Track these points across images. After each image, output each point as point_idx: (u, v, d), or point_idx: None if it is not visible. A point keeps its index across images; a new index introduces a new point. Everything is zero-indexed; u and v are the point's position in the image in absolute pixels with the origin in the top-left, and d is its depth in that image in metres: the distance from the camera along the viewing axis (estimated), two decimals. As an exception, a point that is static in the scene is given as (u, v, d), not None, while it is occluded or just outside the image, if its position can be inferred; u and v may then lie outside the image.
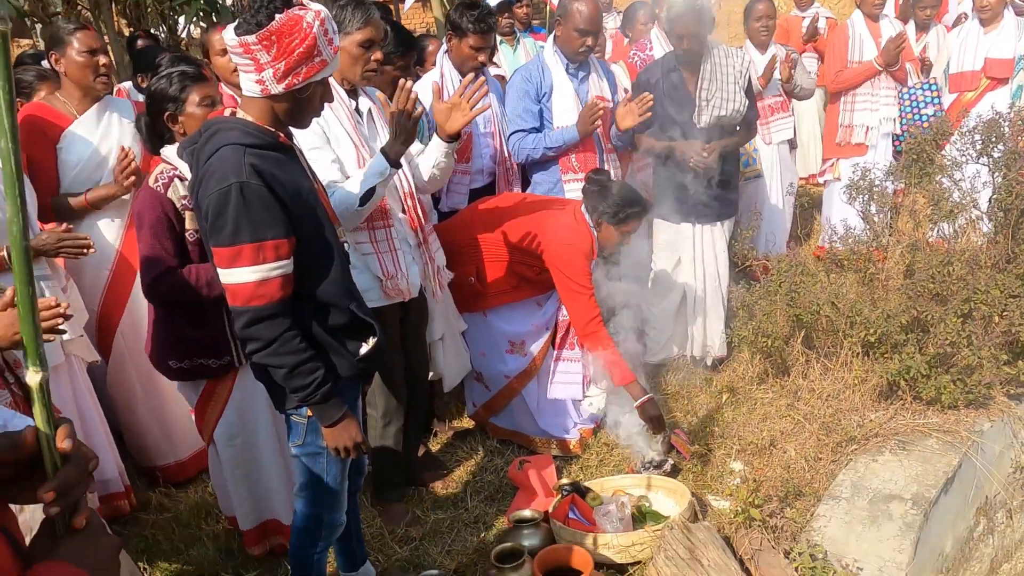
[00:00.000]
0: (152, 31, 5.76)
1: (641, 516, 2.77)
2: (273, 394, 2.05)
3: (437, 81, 3.06)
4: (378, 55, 2.47)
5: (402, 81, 2.33)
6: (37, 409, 0.95)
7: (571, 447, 3.34)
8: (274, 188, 1.80)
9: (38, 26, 6.63)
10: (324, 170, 2.37)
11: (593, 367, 3.26)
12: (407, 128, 2.32)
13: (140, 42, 4.52)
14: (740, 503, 2.54)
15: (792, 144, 4.66)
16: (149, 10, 6.32)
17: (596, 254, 3.12)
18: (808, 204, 6.05)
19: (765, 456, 3.11)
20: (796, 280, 3.28)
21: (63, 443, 0.94)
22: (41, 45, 6.62)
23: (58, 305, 1.94)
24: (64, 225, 2.48)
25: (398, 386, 2.79)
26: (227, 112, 1.95)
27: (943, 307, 3.03)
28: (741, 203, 4.35)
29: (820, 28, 5.95)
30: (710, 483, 3.08)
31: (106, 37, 6.03)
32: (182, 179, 2.29)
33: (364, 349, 2.01)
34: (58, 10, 6.27)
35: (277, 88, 1.80)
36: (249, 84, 1.82)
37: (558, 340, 3.33)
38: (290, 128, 1.95)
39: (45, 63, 3.24)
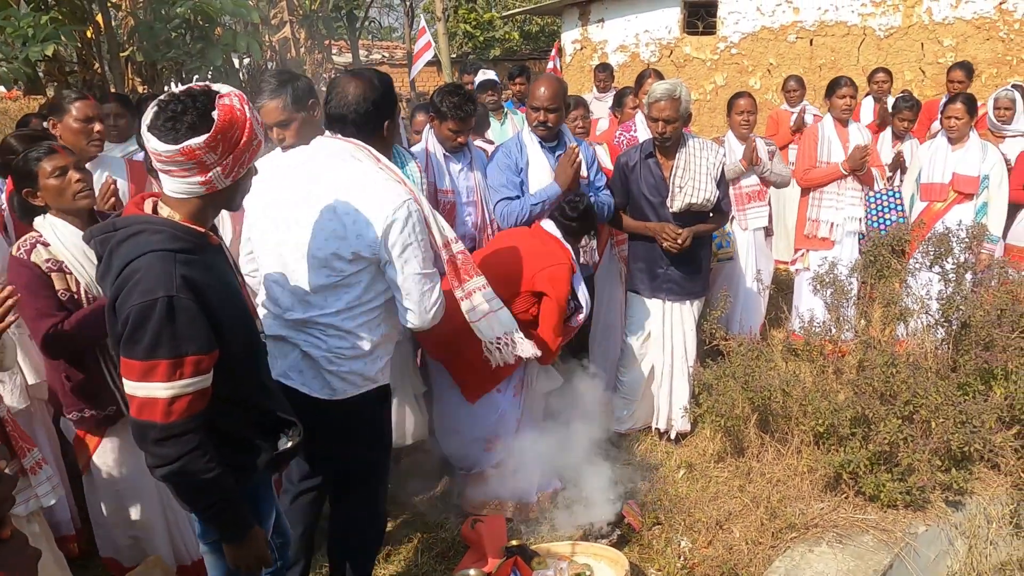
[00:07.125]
0: (166, 87, 6.03)
1: (582, 584, 2.84)
2: None
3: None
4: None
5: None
6: None
7: (527, 511, 3.42)
8: (206, 297, 1.69)
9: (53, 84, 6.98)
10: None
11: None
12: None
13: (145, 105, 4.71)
14: (671, 579, 2.63)
15: (768, 231, 4.86)
16: (162, 69, 6.58)
17: (575, 268, 3.34)
18: (788, 289, 6.22)
19: (711, 535, 3.20)
20: (751, 364, 3.42)
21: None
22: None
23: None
24: (9, 288, 2.27)
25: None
26: (147, 205, 1.78)
27: (887, 407, 3.15)
28: (715, 285, 4.53)
29: (806, 122, 6.25)
30: (655, 557, 3.14)
31: (113, 88, 6.37)
32: (45, 244, 2.44)
33: (285, 444, 1.94)
34: (74, 68, 6.57)
35: (225, 183, 1.71)
36: (189, 187, 1.69)
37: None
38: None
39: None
